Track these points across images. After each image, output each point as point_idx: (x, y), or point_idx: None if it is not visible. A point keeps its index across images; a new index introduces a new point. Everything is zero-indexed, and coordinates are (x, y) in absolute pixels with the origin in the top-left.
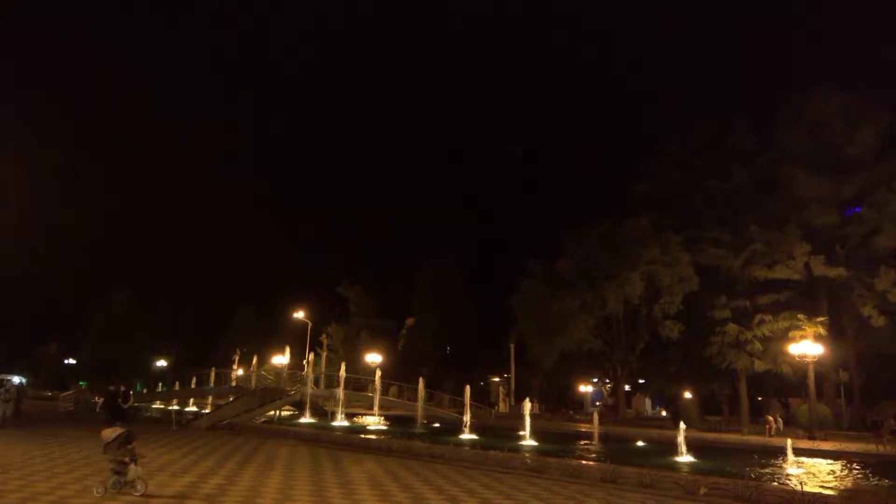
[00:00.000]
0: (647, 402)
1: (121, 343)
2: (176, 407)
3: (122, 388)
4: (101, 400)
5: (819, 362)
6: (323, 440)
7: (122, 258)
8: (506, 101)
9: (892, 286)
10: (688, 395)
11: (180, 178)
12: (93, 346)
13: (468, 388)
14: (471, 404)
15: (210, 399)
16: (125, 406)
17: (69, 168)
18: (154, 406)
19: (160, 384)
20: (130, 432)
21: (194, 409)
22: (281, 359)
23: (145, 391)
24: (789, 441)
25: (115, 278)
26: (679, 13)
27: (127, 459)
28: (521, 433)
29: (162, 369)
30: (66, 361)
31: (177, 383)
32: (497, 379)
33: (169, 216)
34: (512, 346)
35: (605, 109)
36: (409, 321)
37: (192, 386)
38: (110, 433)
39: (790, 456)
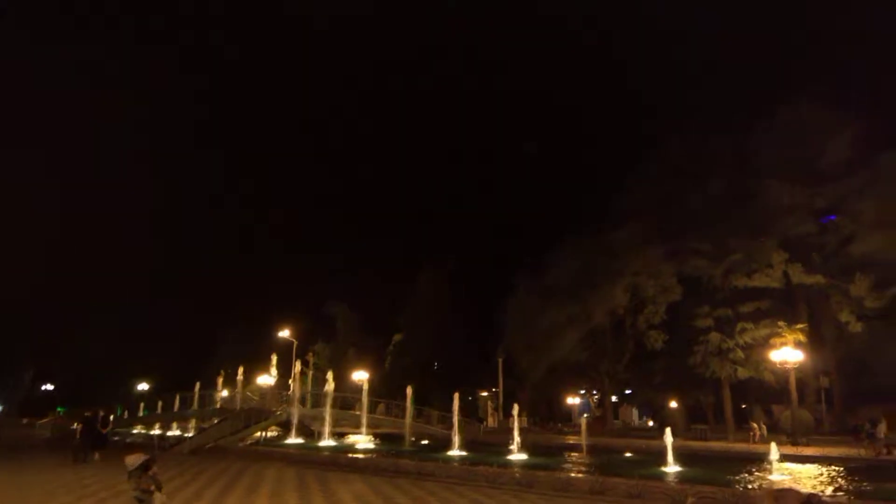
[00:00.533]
0: (634, 412)
1: (100, 366)
2: (158, 431)
3: (101, 414)
4: (80, 427)
5: (800, 368)
6: (310, 461)
7: (101, 279)
8: (491, 113)
9: (867, 292)
10: (673, 404)
11: (161, 194)
12: (71, 371)
13: (457, 403)
14: (459, 420)
15: (194, 422)
16: (104, 431)
17: (41, 184)
18: (135, 430)
19: (142, 408)
20: (151, 458)
21: (177, 432)
22: (267, 378)
23: (126, 415)
24: (773, 447)
25: (94, 300)
26: (655, 25)
27: (152, 487)
28: (511, 447)
29: (143, 392)
30: (43, 388)
31: (159, 406)
32: (485, 393)
33: (150, 235)
34: (500, 360)
35: (590, 122)
36: (397, 337)
37: (175, 409)
38: (133, 460)
39: (774, 462)
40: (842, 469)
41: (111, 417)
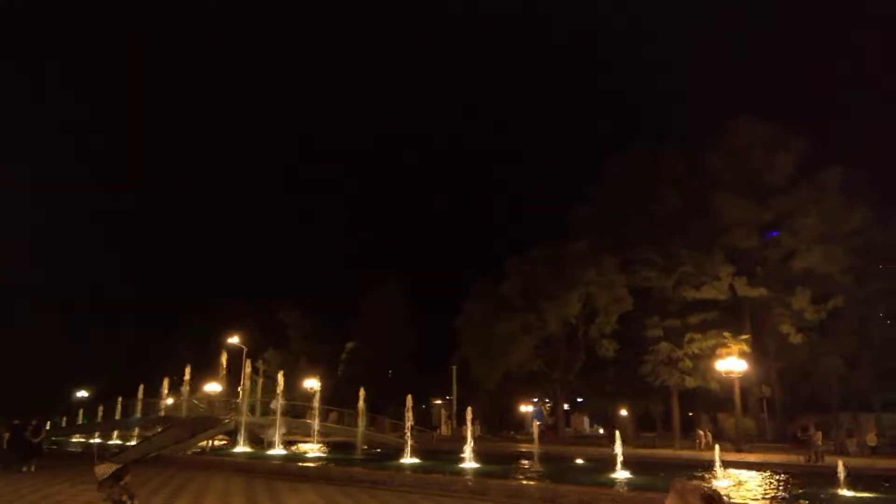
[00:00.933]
0: (586, 420)
1: (39, 373)
2: (98, 440)
3: (34, 423)
4: (8, 435)
5: (744, 378)
6: (259, 470)
7: (46, 282)
8: (450, 126)
9: (807, 305)
10: (624, 412)
11: (111, 196)
12: (7, 378)
13: (410, 411)
14: (413, 428)
15: (136, 430)
16: (36, 440)
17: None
18: (74, 440)
19: (81, 415)
20: (124, 468)
21: (118, 441)
22: (214, 386)
23: (65, 424)
24: (717, 451)
25: (36, 304)
26: (617, 41)
27: (125, 498)
28: (464, 455)
29: (83, 400)
30: None
31: (100, 413)
32: (439, 402)
33: (99, 237)
34: (454, 368)
35: (550, 134)
36: (350, 345)
37: (117, 416)
38: (105, 470)
39: (719, 468)
40: (781, 474)
41: (45, 426)
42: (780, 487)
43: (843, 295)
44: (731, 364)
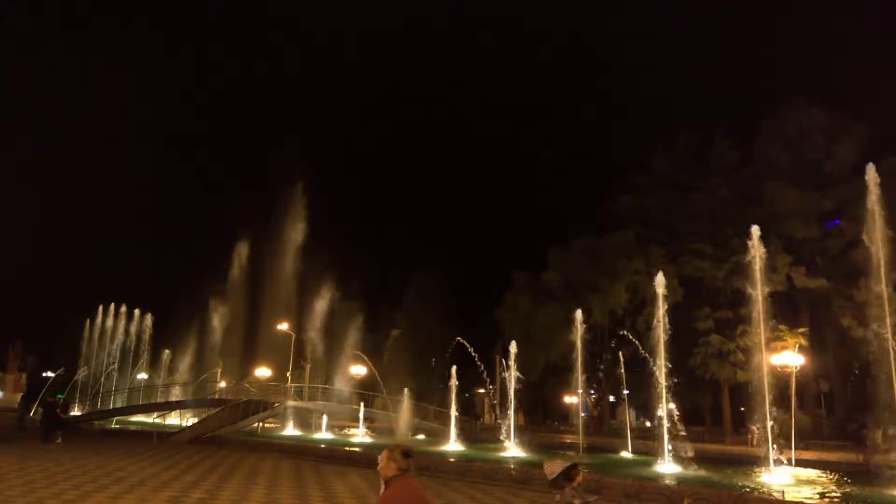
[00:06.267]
0: (632, 412)
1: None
2: (157, 419)
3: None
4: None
5: (800, 373)
6: (307, 453)
7: (103, 269)
8: (490, 116)
9: (871, 298)
10: (671, 406)
11: (164, 184)
12: (70, 358)
13: (453, 398)
14: (456, 416)
15: (192, 412)
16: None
17: (42, 172)
18: (134, 419)
19: (141, 396)
20: (573, 465)
21: (176, 421)
22: (264, 371)
23: (125, 404)
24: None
25: (95, 289)
26: (661, 28)
27: (577, 502)
28: (507, 444)
29: (143, 382)
30: (44, 374)
31: (158, 394)
32: (482, 391)
33: (151, 226)
34: (497, 358)
35: (589, 124)
36: (395, 333)
37: (174, 399)
38: (555, 467)
39: (772, 465)
40: (838, 473)
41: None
42: (835, 487)
43: None
44: (787, 358)
